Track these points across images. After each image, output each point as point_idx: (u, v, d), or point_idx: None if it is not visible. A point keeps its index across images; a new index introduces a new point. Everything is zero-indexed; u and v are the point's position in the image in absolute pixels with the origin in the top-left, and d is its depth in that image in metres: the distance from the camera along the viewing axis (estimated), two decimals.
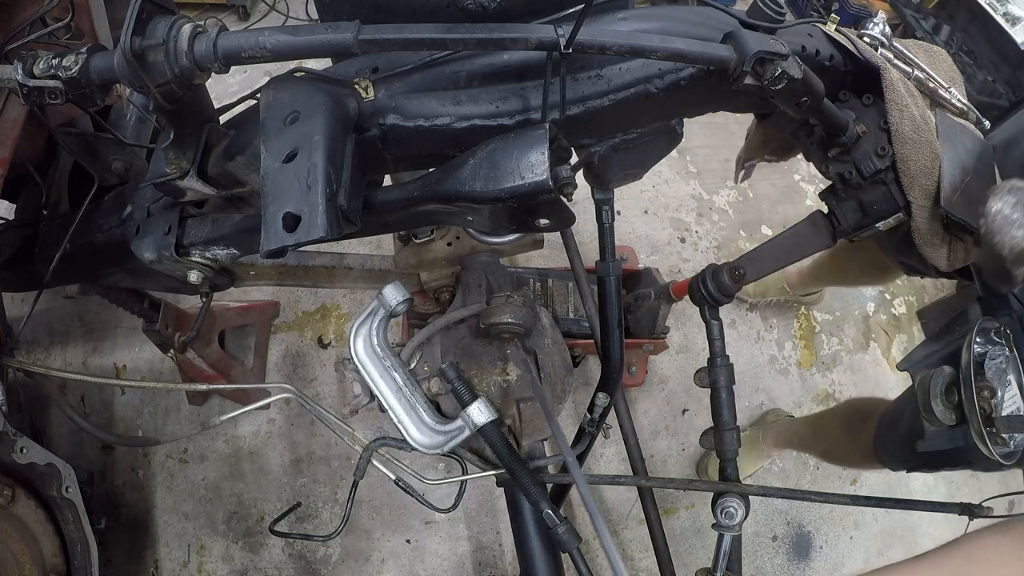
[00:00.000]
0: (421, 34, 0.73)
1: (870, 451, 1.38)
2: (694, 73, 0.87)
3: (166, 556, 1.92)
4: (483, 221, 0.90)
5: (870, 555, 2.08)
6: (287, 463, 2.03)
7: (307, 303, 2.27)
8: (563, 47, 0.73)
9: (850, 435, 1.53)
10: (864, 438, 1.40)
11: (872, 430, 1.38)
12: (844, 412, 1.70)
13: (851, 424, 1.55)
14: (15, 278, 1.35)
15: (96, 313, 2.17)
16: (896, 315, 2.48)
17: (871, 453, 1.38)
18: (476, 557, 1.96)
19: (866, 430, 1.40)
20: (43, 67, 0.75)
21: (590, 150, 0.99)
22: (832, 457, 1.78)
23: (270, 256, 0.73)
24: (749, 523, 1.30)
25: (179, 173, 0.88)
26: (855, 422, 1.52)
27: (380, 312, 1.10)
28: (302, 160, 0.73)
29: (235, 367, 1.96)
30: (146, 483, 1.99)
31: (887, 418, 1.35)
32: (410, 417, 1.09)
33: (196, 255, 1.04)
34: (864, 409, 1.56)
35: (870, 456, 1.40)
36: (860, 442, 1.43)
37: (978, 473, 2.23)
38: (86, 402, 2.07)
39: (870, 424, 1.39)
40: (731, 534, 1.09)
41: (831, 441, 1.71)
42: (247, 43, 0.72)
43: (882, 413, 1.37)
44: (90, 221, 1.18)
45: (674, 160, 2.64)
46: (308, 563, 1.93)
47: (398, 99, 0.85)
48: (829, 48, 1.00)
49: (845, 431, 1.58)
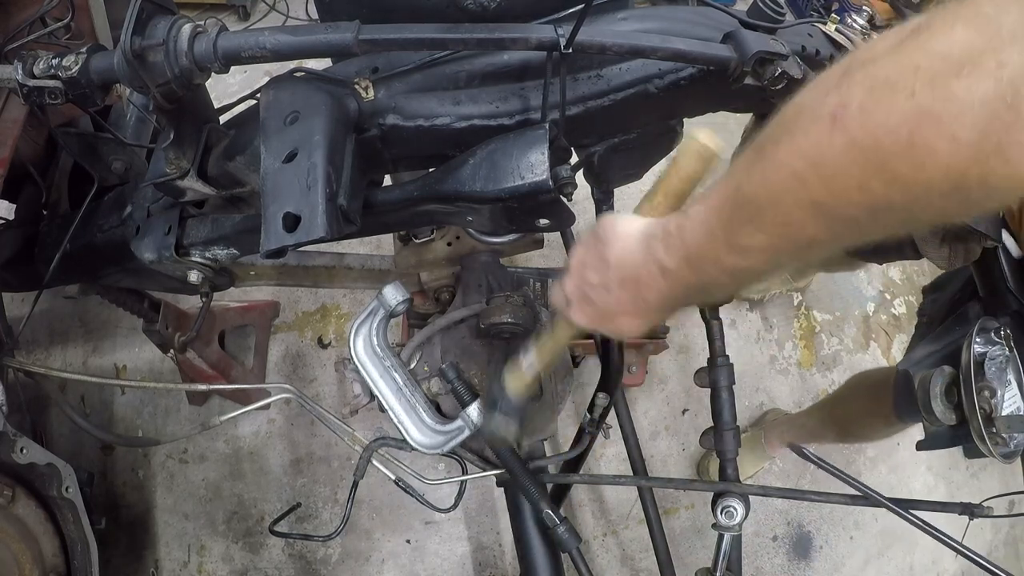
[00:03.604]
0: (421, 34, 0.74)
1: (892, 415, 1.39)
2: (694, 73, 0.87)
3: (166, 556, 1.92)
4: (483, 221, 0.90)
5: (870, 555, 2.08)
6: (287, 463, 2.03)
7: (307, 303, 2.27)
8: (563, 47, 0.74)
9: (872, 405, 1.55)
10: (885, 404, 1.41)
11: (891, 394, 1.38)
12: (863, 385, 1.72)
13: (872, 395, 1.58)
14: (15, 278, 1.35)
15: (96, 313, 2.17)
16: (896, 315, 2.47)
17: (892, 416, 1.39)
18: (476, 557, 1.96)
19: (884, 395, 1.41)
20: (43, 67, 0.76)
21: (590, 150, 0.99)
22: (849, 436, 1.82)
23: (270, 256, 0.73)
24: (749, 523, 1.29)
25: (179, 173, 0.88)
26: (875, 392, 1.55)
27: (380, 312, 1.10)
28: (302, 160, 0.73)
29: (235, 367, 1.96)
30: (146, 483, 1.99)
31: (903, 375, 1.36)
32: (410, 417, 1.09)
33: (196, 255, 1.04)
34: (878, 378, 1.61)
35: (892, 420, 1.41)
36: (882, 410, 1.45)
37: (978, 473, 2.24)
38: (86, 402, 2.07)
39: (887, 389, 1.40)
40: (731, 534, 1.09)
41: (848, 420, 1.74)
42: (247, 43, 0.72)
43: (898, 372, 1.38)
44: (90, 221, 1.18)
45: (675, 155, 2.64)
46: (308, 563, 1.93)
47: (398, 99, 0.85)
48: (829, 48, 1.00)
49: (867, 402, 1.60)
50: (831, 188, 0.44)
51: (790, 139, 0.47)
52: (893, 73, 0.40)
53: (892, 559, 2.07)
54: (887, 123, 0.40)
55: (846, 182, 0.43)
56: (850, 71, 0.44)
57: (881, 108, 0.40)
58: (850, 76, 0.43)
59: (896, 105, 0.39)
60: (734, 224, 0.53)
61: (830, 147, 0.43)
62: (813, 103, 0.46)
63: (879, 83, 0.41)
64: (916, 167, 0.39)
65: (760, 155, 0.50)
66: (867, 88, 0.41)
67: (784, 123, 0.49)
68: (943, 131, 0.37)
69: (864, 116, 0.41)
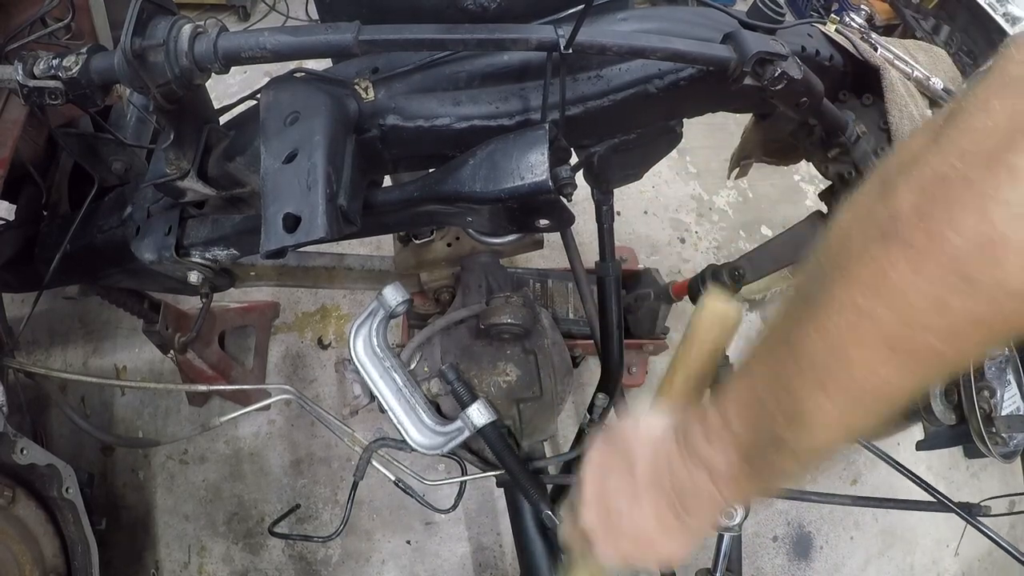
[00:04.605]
0: (421, 34, 0.74)
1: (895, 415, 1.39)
2: (694, 73, 0.87)
3: (166, 557, 1.91)
4: (483, 221, 0.90)
5: (870, 555, 2.07)
6: (287, 464, 2.03)
7: (307, 304, 2.27)
8: (563, 48, 0.74)
9: None
10: None
11: None
12: None
13: None
14: (15, 279, 1.35)
15: (96, 314, 2.17)
16: None
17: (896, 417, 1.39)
18: (476, 558, 1.96)
19: None
20: (43, 67, 0.76)
21: (590, 150, 0.99)
22: None
23: (270, 257, 0.73)
24: (749, 523, 1.29)
25: (179, 174, 0.88)
26: None
27: (380, 313, 1.10)
28: (302, 160, 0.73)
29: (235, 368, 1.96)
30: (146, 484, 1.99)
31: None
32: (410, 418, 1.09)
33: (196, 256, 1.04)
34: None
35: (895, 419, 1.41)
36: None
37: (978, 472, 2.23)
38: (86, 403, 2.07)
39: None
40: (731, 534, 1.09)
41: None
42: (247, 43, 0.72)
43: None
44: (90, 222, 1.18)
45: (674, 160, 2.64)
46: (308, 564, 1.93)
47: (398, 100, 0.85)
48: (829, 48, 1.00)
49: None
50: (904, 316, 0.38)
51: (843, 274, 0.40)
52: (940, 165, 0.36)
53: (892, 559, 2.07)
54: (950, 221, 0.35)
55: (920, 303, 0.37)
56: (890, 181, 0.39)
57: (939, 207, 0.35)
58: (893, 185, 0.38)
59: (955, 198, 0.34)
60: (793, 393, 0.45)
61: (893, 267, 0.37)
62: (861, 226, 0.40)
63: (928, 181, 0.36)
64: (993, 263, 0.34)
65: (808, 303, 0.43)
66: (918, 190, 0.36)
67: (831, 258, 0.42)
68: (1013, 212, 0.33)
69: (924, 221, 0.36)
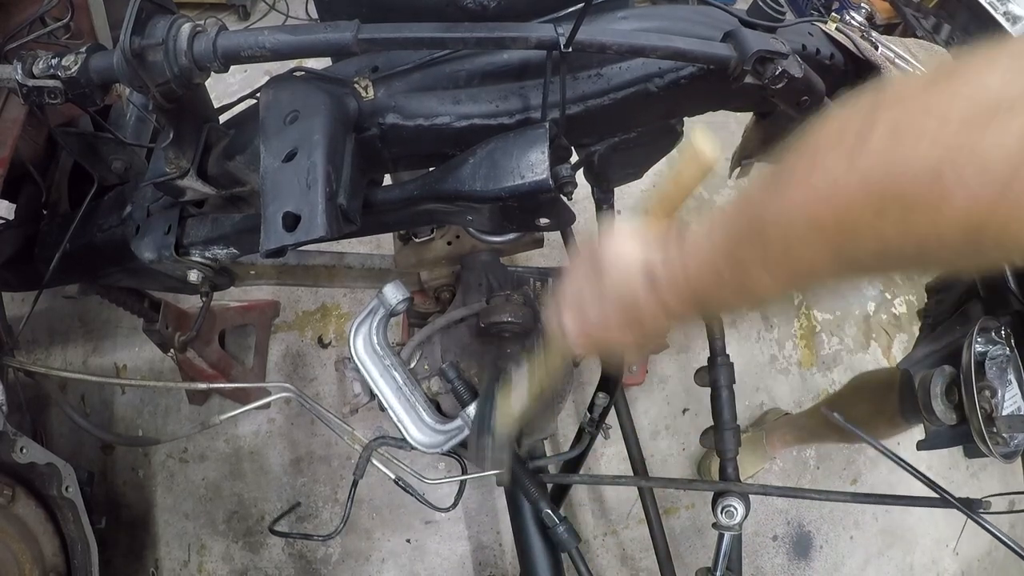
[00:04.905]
0: (421, 33, 0.74)
1: (897, 416, 1.39)
2: (694, 72, 0.87)
3: (166, 556, 1.92)
4: (483, 220, 0.90)
5: (870, 555, 2.08)
6: (287, 463, 2.03)
7: (307, 302, 2.27)
8: (563, 46, 0.73)
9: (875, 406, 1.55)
10: (888, 405, 1.41)
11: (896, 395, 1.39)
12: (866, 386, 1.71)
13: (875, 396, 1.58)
14: (15, 278, 1.35)
15: (96, 313, 2.17)
16: (896, 315, 2.47)
17: (898, 417, 1.39)
18: (476, 556, 1.96)
19: (888, 396, 1.41)
20: (43, 67, 0.75)
21: (590, 149, 0.99)
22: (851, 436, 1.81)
23: (270, 256, 0.73)
24: (749, 523, 1.29)
25: (179, 173, 0.88)
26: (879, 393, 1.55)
27: (380, 311, 1.10)
28: (302, 159, 0.73)
29: (235, 366, 1.96)
30: (146, 483, 1.99)
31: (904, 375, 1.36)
32: (410, 416, 1.09)
33: (196, 255, 1.04)
34: (881, 379, 1.60)
35: (896, 421, 1.42)
36: (885, 411, 1.45)
37: (978, 472, 2.23)
38: (86, 402, 2.07)
39: (890, 390, 1.40)
40: (731, 534, 1.09)
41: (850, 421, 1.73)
42: (247, 42, 0.72)
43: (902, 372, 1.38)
44: (90, 221, 1.18)
45: (674, 160, 2.64)
46: (308, 563, 1.93)
47: (398, 98, 0.85)
48: (829, 47, 1.00)
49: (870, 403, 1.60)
50: (844, 228, 0.43)
51: (808, 172, 0.45)
52: (920, 117, 0.38)
53: (892, 559, 2.07)
54: (907, 168, 0.38)
55: (858, 223, 0.41)
56: (878, 107, 0.42)
57: (902, 152, 0.38)
58: (876, 114, 0.41)
59: (919, 151, 0.37)
60: (744, 267, 0.52)
61: (846, 185, 0.41)
62: (836, 136, 0.44)
63: (904, 126, 0.39)
64: (931, 217, 0.38)
65: (777, 184, 0.49)
66: (891, 129, 0.40)
67: (806, 151, 0.46)
68: (963, 182, 0.35)
69: (884, 158, 0.39)
